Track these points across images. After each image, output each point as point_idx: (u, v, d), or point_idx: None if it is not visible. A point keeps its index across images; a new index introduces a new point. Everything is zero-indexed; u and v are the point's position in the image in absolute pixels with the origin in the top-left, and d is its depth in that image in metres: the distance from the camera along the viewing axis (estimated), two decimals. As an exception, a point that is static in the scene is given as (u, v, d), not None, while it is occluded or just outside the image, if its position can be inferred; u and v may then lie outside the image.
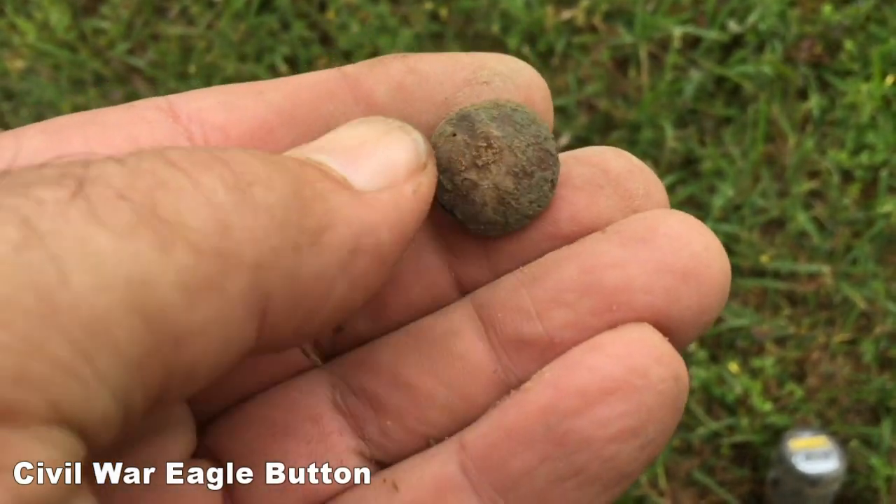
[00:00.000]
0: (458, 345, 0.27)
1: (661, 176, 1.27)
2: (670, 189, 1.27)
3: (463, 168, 0.27)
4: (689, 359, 1.19)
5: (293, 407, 0.28)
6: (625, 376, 0.24)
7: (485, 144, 0.27)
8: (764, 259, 1.22)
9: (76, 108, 1.40)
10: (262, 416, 0.28)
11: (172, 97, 0.26)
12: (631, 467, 0.24)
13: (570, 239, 0.27)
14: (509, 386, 0.27)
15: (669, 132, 1.28)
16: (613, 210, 0.27)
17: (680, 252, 0.25)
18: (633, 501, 1.16)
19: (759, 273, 1.23)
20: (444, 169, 0.27)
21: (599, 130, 1.31)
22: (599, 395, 0.24)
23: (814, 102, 1.28)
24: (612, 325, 0.25)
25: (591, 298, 0.25)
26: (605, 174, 0.27)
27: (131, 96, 1.42)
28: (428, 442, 0.28)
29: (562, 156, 0.28)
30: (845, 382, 1.19)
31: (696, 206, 1.27)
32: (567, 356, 0.25)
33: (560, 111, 1.33)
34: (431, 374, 0.28)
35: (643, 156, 1.28)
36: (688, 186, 1.27)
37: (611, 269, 0.25)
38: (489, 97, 0.27)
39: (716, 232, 1.05)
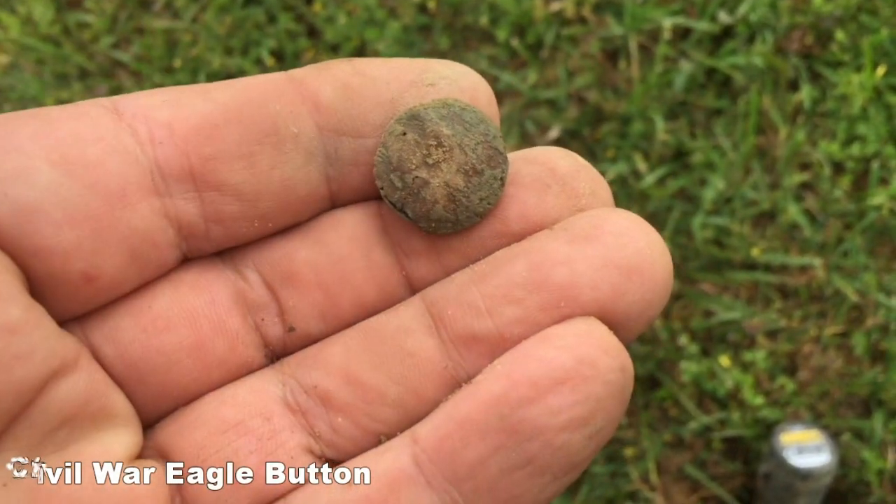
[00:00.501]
0: (409, 342, 0.28)
1: (652, 169, 1.26)
2: (661, 182, 1.26)
3: (414, 167, 0.28)
4: (680, 353, 1.19)
5: (243, 405, 0.29)
6: (575, 367, 0.25)
7: (435, 143, 0.28)
8: (755, 252, 1.22)
9: (60, 103, 1.38)
10: (212, 415, 0.28)
11: (116, 98, 0.27)
12: (580, 456, 0.25)
13: (519, 236, 0.28)
14: (460, 381, 0.27)
15: (660, 124, 1.27)
16: (560, 208, 0.28)
17: (625, 249, 0.26)
18: (624, 496, 1.16)
19: (750, 266, 1.22)
20: (395, 167, 0.28)
21: (589, 123, 1.30)
22: (550, 385, 0.25)
23: (805, 93, 1.27)
24: (561, 321, 0.26)
25: (540, 295, 0.26)
26: (552, 173, 0.28)
27: (116, 90, 1.41)
28: (379, 439, 0.28)
29: (510, 156, 0.29)
30: (837, 375, 1.18)
31: (686, 199, 1.26)
32: (518, 349, 0.26)
33: (550, 104, 1.32)
34: (382, 371, 0.28)
35: (634, 148, 1.28)
36: (678, 179, 1.26)
37: (559, 266, 0.26)
38: (435, 98, 0.28)
39: (706, 225, 1.05)
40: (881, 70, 1.25)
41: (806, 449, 1.10)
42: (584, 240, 0.26)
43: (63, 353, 0.25)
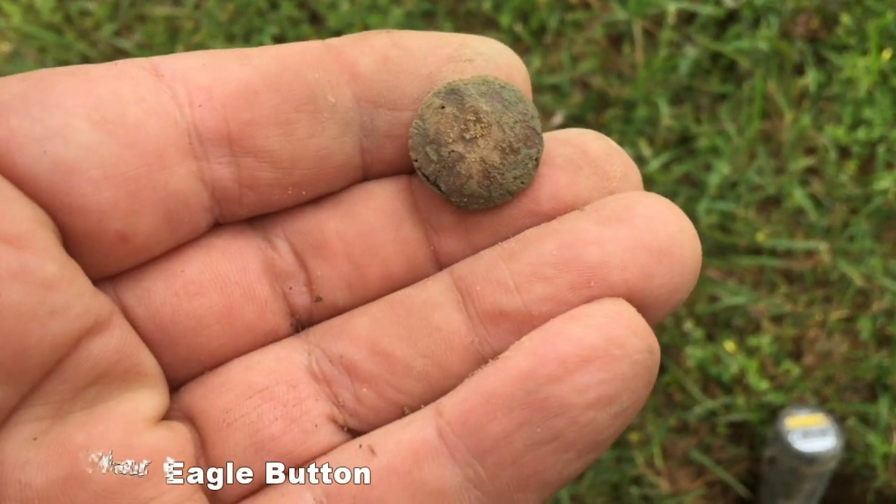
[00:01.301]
0: (437, 316, 0.28)
1: (657, 154, 1.26)
2: (666, 167, 1.26)
3: (451, 140, 0.28)
4: (685, 338, 1.19)
5: (270, 372, 0.29)
6: (604, 346, 0.25)
7: (473, 118, 0.28)
8: (760, 237, 1.21)
9: None
10: (239, 380, 0.29)
11: (156, 59, 0.27)
12: (604, 434, 0.25)
13: (550, 216, 0.28)
14: (485, 357, 0.28)
15: (664, 109, 1.26)
16: (592, 190, 0.28)
17: (656, 232, 0.26)
18: (629, 481, 1.16)
19: (756, 251, 1.22)
20: (431, 140, 0.28)
21: (594, 108, 1.30)
22: (579, 363, 0.25)
23: (810, 78, 1.26)
24: (589, 300, 0.26)
25: (570, 273, 0.26)
26: (584, 155, 0.28)
27: (119, 79, 1.40)
28: (403, 411, 0.28)
29: (544, 136, 0.29)
30: (842, 360, 1.18)
31: (691, 184, 1.25)
32: (547, 326, 0.26)
33: (554, 89, 1.32)
34: (409, 344, 0.28)
35: (638, 134, 1.27)
36: (683, 164, 1.25)
37: (589, 246, 0.26)
38: (472, 74, 0.28)
39: (712, 210, 1.04)
40: (887, 54, 1.24)
41: (811, 433, 1.10)
42: (616, 221, 0.26)
43: (97, 311, 0.25)
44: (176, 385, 0.30)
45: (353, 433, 0.29)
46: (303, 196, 0.29)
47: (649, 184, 1.25)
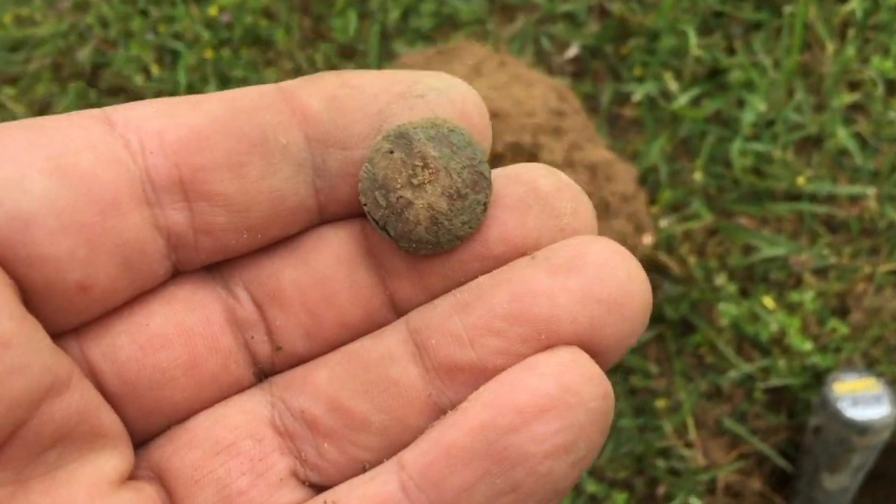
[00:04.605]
0: (393, 369, 0.29)
1: (684, 89, 1.21)
2: (694, 103, 1.20)
3: (399, 186, 0.28)
4: (717, 294, 1.11)
5: (235, 426, 0.30)
6: (559, 394, 0.26)
7: (421, 164, 0.28)
8: (800, 181, 1.16)
9: (19, 20, 1.33)
10: (206, 436, 0.30)
11: (108, 108, 0.28)
12: (563, 483, 0.27)
13: (500, 259, 0.29)
14: (442, 408, 0.29)
15: (693, 39, 1.21)
16: (541, 229, 0.29)
17: (606, 281, 0.27)
18: (655, 452, 1.06)
19: (795, 196, 1.16)
20: (380, 185, 0.28)
21: (613, 39, 1.24)
22: (535, 413, 0.26)
23: (856, 4, 1.21)
24: (542, 351, 0.27)
25: (522, 327, 0.27)
26: (534, 193, 0.29)
27: (79, 5, 1.29)
28: (363, 466, 0.29)
29: (494, 172, 0.29)
30: (893, 317, 1.11)
31: (723, 123, 1.19)
32: (503, 376, 0.27)
33: (568, 18, 1.26)
34: (367, 399, 0.29)
35: (663, 66, 1.22)
36: (714, 100, 1.19)
37: (540, 298, 0.27)
38: (423, 110, 0.29)
39: (746, 151, 0.97)
40: (941, -23, 1.16)
41: (862, 399, 1.02)
42: (566, 271, 0.27)
43: (57, 370, 0.26)
44: (142, 439, 0.30)
45: (314, 488, 0.30)
46: (258, 240, 0.29)
47: (676, 121, 1.18)
